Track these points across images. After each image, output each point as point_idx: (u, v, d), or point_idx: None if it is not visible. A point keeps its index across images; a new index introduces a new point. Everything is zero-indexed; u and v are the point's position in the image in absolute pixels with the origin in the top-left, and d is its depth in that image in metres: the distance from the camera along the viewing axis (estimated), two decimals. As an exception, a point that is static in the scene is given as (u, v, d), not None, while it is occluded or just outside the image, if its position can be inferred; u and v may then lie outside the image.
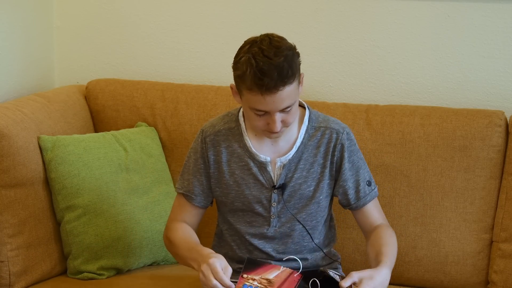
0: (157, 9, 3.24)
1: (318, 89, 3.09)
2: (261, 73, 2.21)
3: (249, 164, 2.43)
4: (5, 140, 2.65)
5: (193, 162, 2.48)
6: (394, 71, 3.03)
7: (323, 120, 2.46)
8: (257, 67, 2.22)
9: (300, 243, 2.45)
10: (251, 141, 2.43)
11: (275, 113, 2.27)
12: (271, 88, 2.22)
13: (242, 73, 2.25)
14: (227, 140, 2.44)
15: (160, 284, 2.72)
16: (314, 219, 2.45)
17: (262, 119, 2.30)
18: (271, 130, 2.30)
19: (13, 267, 2.66)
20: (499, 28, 2.91)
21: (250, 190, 2.43)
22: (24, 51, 3.16)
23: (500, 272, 2.73)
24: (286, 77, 2.22)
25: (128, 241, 2.79)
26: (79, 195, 2.76)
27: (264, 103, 2.25)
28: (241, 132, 2.44)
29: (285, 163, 2.41)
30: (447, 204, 2.77)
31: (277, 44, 2.25)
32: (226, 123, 2.47)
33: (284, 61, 2.22)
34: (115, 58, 3.32)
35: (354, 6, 3.04)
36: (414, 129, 2.80)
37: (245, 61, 2.25)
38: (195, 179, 2.47)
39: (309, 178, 2.42)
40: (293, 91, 2.27)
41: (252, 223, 2.45)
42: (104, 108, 3.11)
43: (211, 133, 2.46)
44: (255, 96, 2.25)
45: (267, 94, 2.23)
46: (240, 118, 2.45)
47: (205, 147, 2.45)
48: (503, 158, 2.77)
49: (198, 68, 3.23)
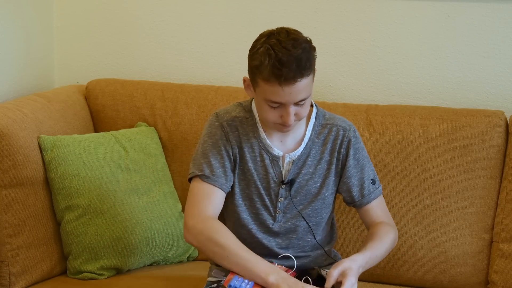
0: (157, 9, 3.24)
1: (318, 89, 3.09)
2: (280, 64, 2.21)
3: (262, 155, 2.42)
4: (5, 140, 2.65)
5: (211, 145, 2.40)
6: (394, 71, 3.03)
7: (329, 118, 2.47)
8: (276, 57, 2.22)
9: (303, 239, 2.45)
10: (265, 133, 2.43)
11: (290, 105, 2.27)
12: (289, 79, 2.22)
13: (259, 63, 2.25)
14: (243, 128, 2.43)
15: (160, 284, 2.72)
16: (319, 215, 2.45)
17: (276, 111, 2.30)
18: (285, 122, 2.30)
19: (13, 267, 2.66)
20: (499, 28, 2.91)
21: (261, 182, 2.43)
22: (24, 51, 3.16)
23: (500, 272, 2.73)
24: (304, 69, 2.23)
25: (128, 241, 2.78)
26: (79, 195, 2.76)
27: (281, 94, 2.24)
28: (255, 123, 2.43)
29: (294, 159, 2.42)
30: (447, 204, 2.77)
31: (294, 36, 2.27)
32: (240, 112, 2.45)
33: (302, 53, 2.23)
34: (115, 58, 3.32)
35: (354, 6, 3.04)
36: (414, 129, 2.80)
37: (263, 51, 2.24)
38: (215, 161, 2.38)
39: (315, 174, 2.43)
40: (309, 84, 2.27)
41: (258, 215, 2.43)
42: (104, 108, 3.11)
43: (228, 118, 2.43)
44: (272, 87, 2.24)
45: (285, 85, 2.23)
46: (254, 110, 2.44)
47: (225, 130, 2.41)
48: (503, 158, 2.78)
49: (198, 68, 3.23)
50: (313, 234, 2.45)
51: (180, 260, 2.92)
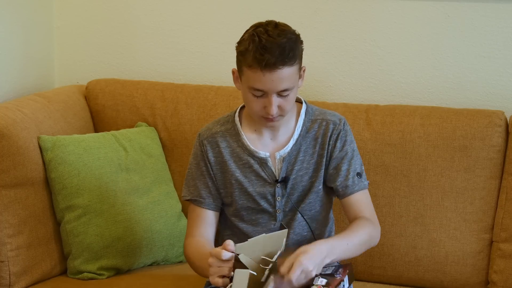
0: (157, 9, 3.24)
1: (318, 89, 3.09)
2: (263, 49, 2.24)
3: (249, 162, 2.43)
4: (5, 140, 2.65)
5: (195, 167, 2.48)
6: (394, 71, 3.03)
7: (319, 113, 2.48)
8: (260, 43, 2.25)
9: (300, 233, 2.46)
10: (249, 139, 2.44)
11: (273, 94, 2.29)
12: (271, 65, 2.24)
13: (244, 49, 2.29)
14: (225, 141, 2.45)
15: (160, 284, 2.72)
16: (313, 208, 2.45)
17: (260, 102, 2.32)
18: (268, 113, 2.31)
19: (13, 267, 2.66)
20: (499, 28, 2.91)
21: (254, 187, 2.43)
22: (24, 51, 3.16)
23: (500, 272, 2.73)
24: (287, 57, 2.25)
25: (128, 241, 2.79)
26: (79, 195, 2.76)
27: (263, 81, 2.27)
28: (237, 132, 2.45)
29: (284, 156, 2.43)
30: (447, 204, 2.77)
31: (283, 28, 2.31)
32: (222, 125, 2.48)
33: (286, 42, 2.26)
34: (115, 58, 3.32)
35: (354, 6, 3.04)
36: (414, 129, 2.80)
37: (248, 37, 2.29)
38: (200, 183, 2.47)
39: (310, 169, 2.44)
40: (292, 75, 2.29)
41: (258, 221, 2.45)
42: (104, 108, 3.11)
43: (208, 136, 2.47)
44: (254, 73, 2.27)
45: (267, 71, 2.25)
46: (236, 119, 2.47)
47: (204, 149, 2.46)
48: (503, 158, 2.77)
49: (198, 68, 3.23)
50: (309, 227, 2.45)
51: (180, 260, 2.93)
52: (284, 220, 2.45)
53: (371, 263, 2.83)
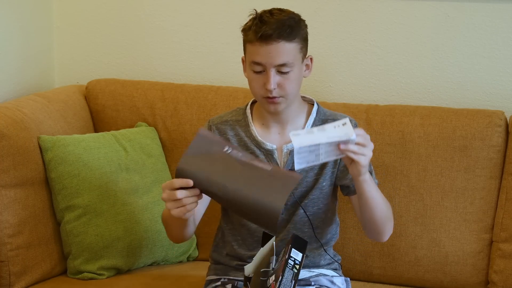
0: (157, 9, 3.24)
1: (318, 89, 3.09)
2: (261, 22, 2.30)
3: (255, 152, 2.44)
4: (5, 140, 2.65)
5: None
6: (394, 71, 3.03)
7: (330, 114, 2.50)
8: (260, 19, 2.32)
9: (301, 229, 2.45)
10: (257, 131, 2.45)
11: (271, 68, 2.31)
12: (267, 36, 2.28)
13: (247, 27, 2.34)
14: (234, 130, 2.47)
15: (160, 284, 2.72)
16: (316, 205, 2.45)
17: (260, 79, 2.34)
18: (267, 89, 2.33)
19: (13, 267, 2.66)
20: (499, 28, 2.91)
21: None
22: (24, 51, 3.16)
23: (500, 272, 2.73)
24: (285, 32, 2.30)
25: (128, 241, 2.79)
26: (79, 195, 2.76)
27: (260, 53, 2.30)
28: (247, 123, 2.46)
29: (291, 149, 2.42)
30: (447, 204, 2.77)
31: (287, 11, 2.37)
32: (233, 116, 2.50)
33: (287, 19, 2.32)
34: (115, 58, 3.32)
35: (354, 6, 3.04)
36: (414, 129, 2.80)
37: (252, 17, 2.35)
38: None
39: (316, 165, 2.43)
40: (291, 51, 2.32)
41: None
42: (104, 108, 3.11)
43: (218, 122, 2.49)
44: (253, 46, 2.31)
45: (264, 43, 2.29)
46: (247, 111, 2.48)
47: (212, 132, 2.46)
48: (503, 158, 2.77)
49: (198, 68, 3.23)
50: (311, 224, 2.44)
51: (180, 260, 2.93)
52: (285, 214, 2.44)
53: (371, 263, 2.83)
